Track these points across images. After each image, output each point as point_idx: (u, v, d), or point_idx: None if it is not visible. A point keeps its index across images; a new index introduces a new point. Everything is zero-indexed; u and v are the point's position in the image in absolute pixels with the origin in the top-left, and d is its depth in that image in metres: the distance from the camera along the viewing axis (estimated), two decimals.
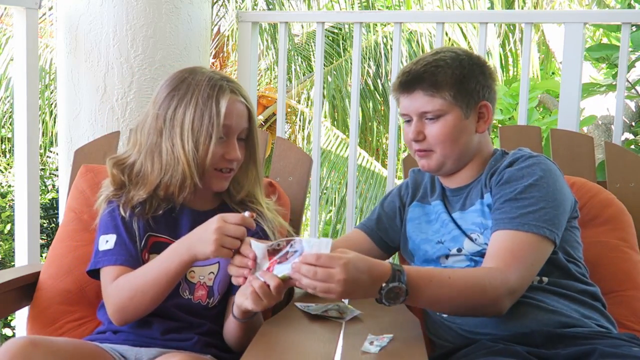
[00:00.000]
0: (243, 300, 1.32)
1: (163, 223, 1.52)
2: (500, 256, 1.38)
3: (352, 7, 6.91)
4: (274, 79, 7.17)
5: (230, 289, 1.53)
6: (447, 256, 1.53)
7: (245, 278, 1.32)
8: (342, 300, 1.44)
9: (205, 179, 1.50)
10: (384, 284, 1.26)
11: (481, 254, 1.47)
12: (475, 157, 1.56)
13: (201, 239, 1.34)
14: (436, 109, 1.49)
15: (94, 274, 1.52)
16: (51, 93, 6.78)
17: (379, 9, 7.24)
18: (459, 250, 1.51)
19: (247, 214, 1.35)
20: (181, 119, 1.46)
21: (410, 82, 1.51)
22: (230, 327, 1.46)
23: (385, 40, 6.62)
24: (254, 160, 1.56)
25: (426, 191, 1.65)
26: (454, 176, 1.58)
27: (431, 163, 1.54)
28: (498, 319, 1.40)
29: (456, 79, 1.49)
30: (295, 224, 1.80)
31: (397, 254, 1.77)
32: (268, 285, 1.27)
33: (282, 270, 1.27)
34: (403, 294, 1.27)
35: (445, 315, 1.51)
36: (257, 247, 1.32)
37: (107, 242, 1.51)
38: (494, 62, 6.46)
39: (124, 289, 1.44)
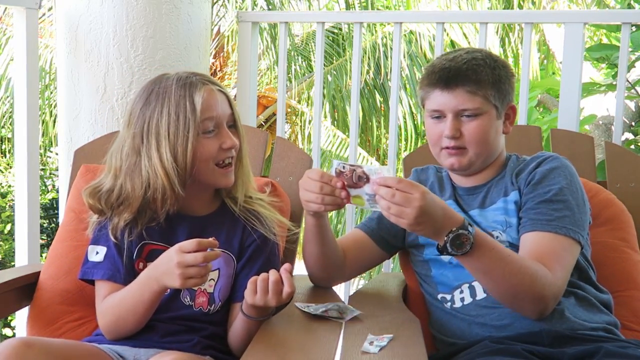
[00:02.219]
0: (250, 293, 1.35)
1: (158, 231, 1.51)
2: (545, 258, 1.39)
3: (352, 7, 6.91)
4: (274, 79, 7.16)
5: (231, 296, 1.52)
6: None
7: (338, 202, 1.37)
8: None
9: (207, 179, 1.48)
10: (453, 228, 1.29)
11: None
12: (497, 157, 1.58)
13: (166, 272, 1.33)
14: (476, 107, 1.49)
15: (86, 279, 1.54)
16: (51, 93, 6.78)
17: (378, 9, 7.24)
18: None
19: (211, 239, 1.34)
20: (156, 130, 1.43)
21: (451, 78, 1.49)
22: (236, 328, 1.46)
23: (384, 40, 6.61)
24: (241, 148, 1.53)
25: (435, 191, 1.64)
26: (472, 175, 1.59)
27: (463, 161, 1.54)
28: (515, 315, 1.41)
29: (495, 78, 1.51)
30: (296, 224, 1.80)
31: (397, 254, 1.77)
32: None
33: (358, 193, 1.34)
34: (468, 244, 1.29)
35: (457, 307, 1.50)
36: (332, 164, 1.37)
37: (97, 253, 1.51)
38: None
39: (107, 313, 1.47)
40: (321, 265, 1.57)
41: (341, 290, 2.26)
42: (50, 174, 7.88)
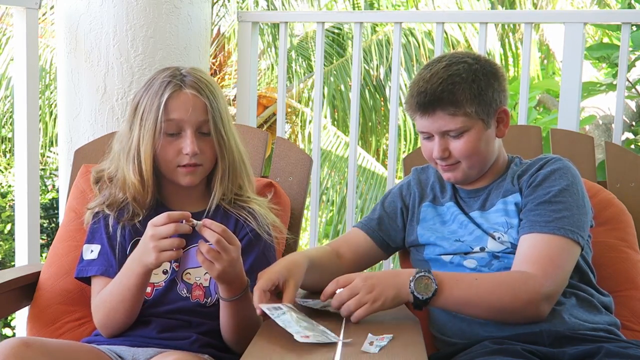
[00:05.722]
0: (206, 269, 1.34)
1: None
2: (538, 261, 1.39)
3: (353, 8, 6.91)
4: (275, 79, 7.16)
5: None
6: (466, 253, 1.53)
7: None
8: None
9: (170, 177, 1.53)
10: (411, 277, 1.33)
11: (505, 252, 1.49)
12: (495, 161, 1.58)
13: (144, 250, 1.35)
14: (459, 126, 1.48)
15: (82, 278, 1.56)
16: (51, 93, 6.78)
17: (382, 9, 7.23)
18: (482, 249, 1.51)
19: (182, 212, 1.34)
20: (139, 121, 1.50)
21: (428, 103, 1.48)
22: (222, 317, 1.46)
23: (387, 37, 6.60)
24: (222, 156, 1.53)
25: (435, 192, 1.64)
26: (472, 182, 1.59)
27: (457, 175, 1.55)
28: None
29: (474, 93, 1.47)
30: (296, 224, 1.80)
31: (396, 254, 1.77)
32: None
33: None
34: (432, 284, 1.32)
35: None
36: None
37: (91, 251, 1.54)
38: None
39: (100, 307, 1.48)
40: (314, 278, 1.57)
41: None
42: (50, 174, 7.88)
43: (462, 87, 1.47)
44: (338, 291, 1.34)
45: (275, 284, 1.36)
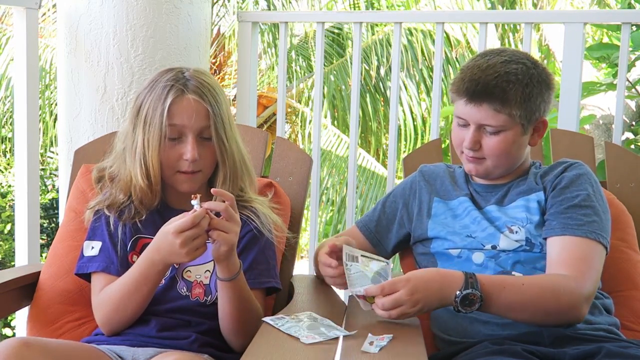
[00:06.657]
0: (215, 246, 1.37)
1: (151, 225, 1.53)
2: (574, 264, 1.41)
3: (353, 8, 6.91)
4: (275, 79, 7.16)
5: None
6: (477, 249, 1.53)
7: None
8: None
9: (169, 182, 1.53)
10: (457, 292, 1.31)
11: (517, 250, 1.49)
12: (520, 165, 1.59)
13: (171, 253, 1.35)
14: (499, 124, 1.48)
15: (82, 274, 1.56)
16: (51, 93, 6.78)
17: (378, 9, 7.23)
18: (494, 247, 1.52)
19: (200, 211, 1.34)
20: (142, 124, 1.49)
21: (478, 93, 1.47)
22: (221, 303, 1.45)
23: (388, 36, 6.60)
24: (223, 161, 1.53)
25: (446, 187, 1.64)
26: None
27: (479, 169, 1.55)
28: None
29: (525, 97, 1.47)
30: (296, 224, 1.80)
31: (396, 255, 1.76)
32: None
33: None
34: (478, 300, 1.32)
35: None
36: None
37: (92, 248, 1.54)
38: None
39: (107, 303, 1.48)
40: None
41: (341, 290, 2.25)
42: (50, 174, 7.87)
43: (515, 87, 1.46)
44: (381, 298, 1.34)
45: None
